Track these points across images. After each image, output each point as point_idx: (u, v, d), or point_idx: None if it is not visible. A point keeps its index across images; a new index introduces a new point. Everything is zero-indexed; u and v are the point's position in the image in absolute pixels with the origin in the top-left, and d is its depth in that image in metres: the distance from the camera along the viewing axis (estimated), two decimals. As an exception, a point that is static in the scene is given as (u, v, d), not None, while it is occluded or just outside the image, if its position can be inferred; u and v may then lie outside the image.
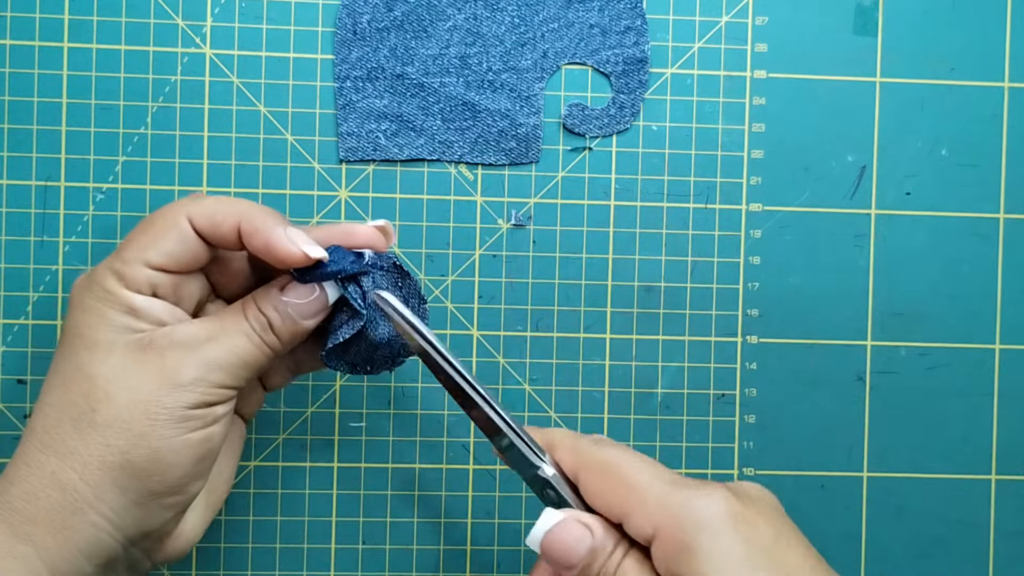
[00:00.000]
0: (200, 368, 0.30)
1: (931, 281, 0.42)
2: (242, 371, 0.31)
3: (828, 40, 0.41)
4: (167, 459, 0.30)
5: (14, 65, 0.39)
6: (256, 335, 0.31)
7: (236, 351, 0.31)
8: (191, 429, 0.30)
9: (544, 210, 0.41)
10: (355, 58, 0.40)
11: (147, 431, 0.30)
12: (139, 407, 0.30)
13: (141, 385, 0.30)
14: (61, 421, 0.30)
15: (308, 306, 0.32)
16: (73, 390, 0.30)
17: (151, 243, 0.31)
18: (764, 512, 0.29)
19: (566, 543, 0.30)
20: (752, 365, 0.41)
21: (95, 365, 0.30)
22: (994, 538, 0.42)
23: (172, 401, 0.30)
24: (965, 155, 0.42)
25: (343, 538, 0.40)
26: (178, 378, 0.30)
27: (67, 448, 0.30)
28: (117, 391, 0.30)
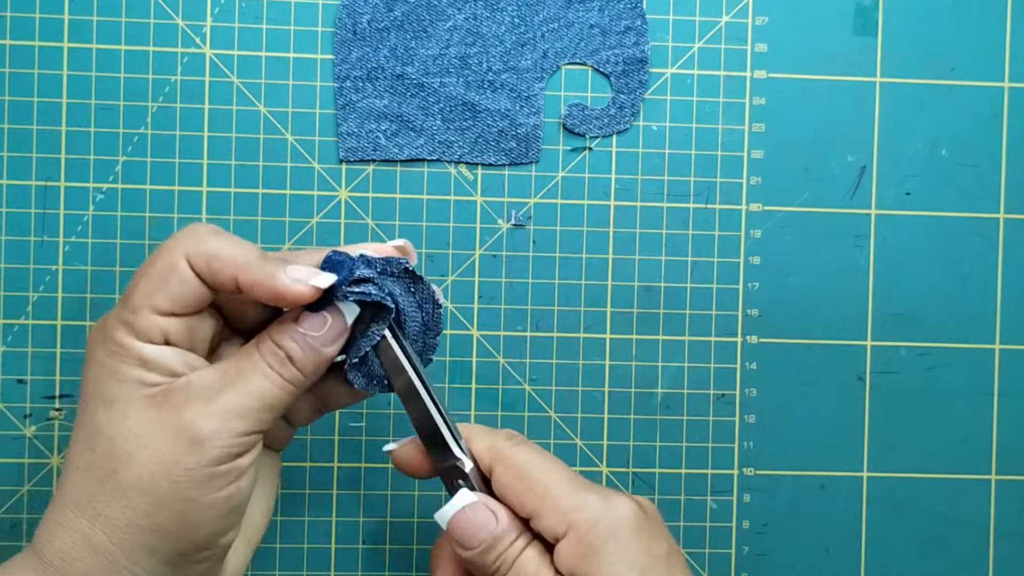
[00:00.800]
0: (218, 420, 0.29)
1: (931, 281, 0.42)
2: (264, 414, 0.30)
3: (828, 40, 0.41)
4: (193, 520, 0.29)
5: (14, 65, 0.39)
6: (275, 373, 0.30)
7: (256, 394, 0.29)
8: (217, 488, 0.29)
9: (544, 210, 0.41)
10: (355, 58, 0.40)
11: (170, 494, 0.28)
12: (160, 469, 0.28)
13: (160, 445, 0.28)
14: (88, 483, 0.29)
15: (328, 333, 0.30)
16: (96, 450, 0.29)
17: (155, 289, 0.29)
18: (659, 528, 0.32)
19: (472, 525, 0.31)
20: (752, 365, 0.41)
21: (113, 425, 0.29)
22: (994, 538, 0.42)
23: (193, 461, 0.28)
24: (965, 155, 0.42)
25: (343, 538, 0.40)
26: (197, 434, 0.28)
27: (95, 510, 0.29)
28: (137, 452, 0.29)
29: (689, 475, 0.41)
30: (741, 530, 0.41)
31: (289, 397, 0.30)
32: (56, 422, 0.39)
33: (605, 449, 0.41)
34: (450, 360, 0.41)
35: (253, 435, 0.30)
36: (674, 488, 0.41)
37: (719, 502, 0.41)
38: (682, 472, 0.41)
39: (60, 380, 0.39)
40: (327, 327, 0.30)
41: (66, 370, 0.39)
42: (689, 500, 0.41)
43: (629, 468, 0.41)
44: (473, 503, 0.32)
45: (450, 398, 0.41)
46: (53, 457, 0.39)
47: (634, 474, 0.41)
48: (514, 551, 0.31)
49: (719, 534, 0.41)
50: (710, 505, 0.41)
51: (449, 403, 0.41)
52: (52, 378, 0.39)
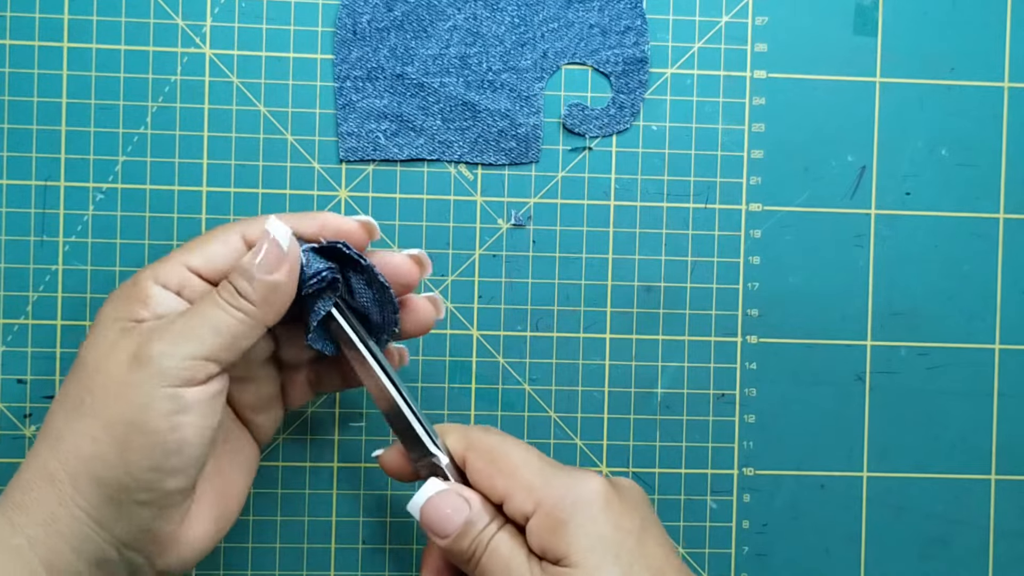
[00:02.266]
0: (167, 342, 0.29)
1: (931, 281, 0.42)
2: (214, 339, 0.30)
3: (828, 40, 0.41)
4: (134, 446, 0.29)
5: (14, 65, 0.39)
6: (224, 303, 0.30)
7: (207, 320, 0.30)
8: (159, 414, 0.29)
9: (544, 210, 0.41)
10: (355, 58, 0.40)
11: (115, 415, 0.29)
12: (111, 388, 0.29)
13: (116, 367, 0.29)
14: (62, 413, 0.30)
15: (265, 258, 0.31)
16: (71, 381, 0.31)
17: (197, 247, 0.32)
18: (633, 504, 0.32)
19: (443, 512, 0.32)
20: (752, 365, 0.41)
21: (87, 355, 0.30)
22: (994, 538, 0.42)
23: (139, 378, 0.29)
24: (965, 155, 0.42)
25: (343, 538, 0.40)
26: (146, 353, 0.29)
27: (56, 435, 0.30)
28: (98, 376, 0.30)
29: (689, 475, 0.41)
30: (741, 530, 0.41)
31: (243, 327, 0.30)
32: (56, 422, 0.39)
33: (605, 449, 0.41)
34: (450, 360, 0.41)
35: (200, 361, 0.30)
36: (674, 488, 0.41)
37: (719, 502, 0.41)
38: (682, 472, 0.41)
39: (60, 380, 0.39)
40: (262, 252, 0.31)
41: (66, 370, 0.39)
42: (689, 500, 0.41)
43: (629, 468, 0.41)
44: (443, 491, 0.32)
45: (450, 398, 0.41)
46: (53, 457, 0.39)
47: (634, 474, 0.41)
48: (487, 535, 0.32)
49: (719, 534, 0.41)
50: (710, 505, 0.41)
51: (449, 403, 0.41)
52: (52, 378, 0.39)
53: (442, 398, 0.40)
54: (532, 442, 0.41)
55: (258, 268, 0.30)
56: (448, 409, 0.41)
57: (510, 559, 0.31)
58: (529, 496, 0.31)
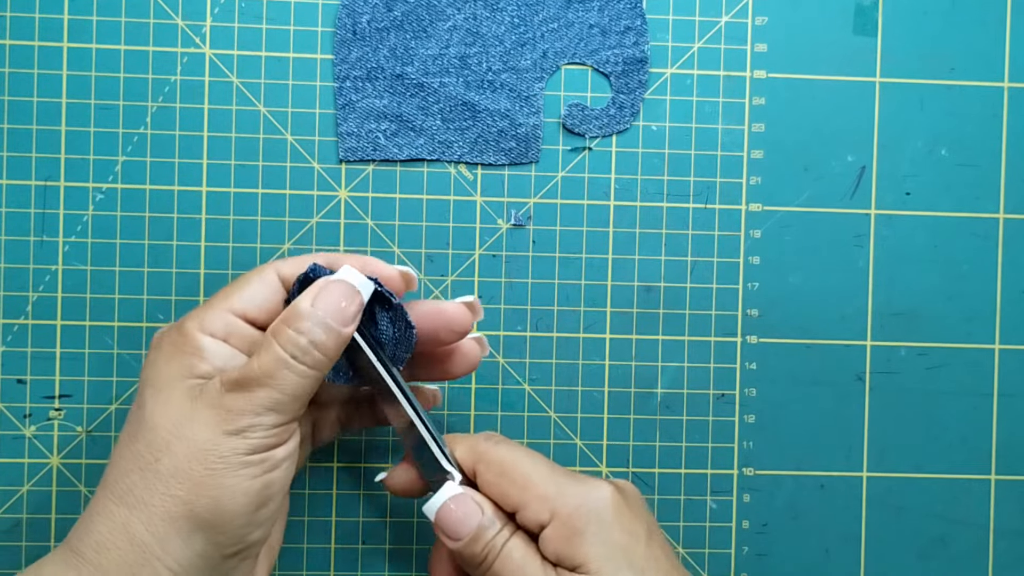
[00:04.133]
0: (252, 414, 0.30)
1: (931, 281, 0.42)
2: (294, 403, 0.30)
3: (828, 40, 0.41)
4: (227, 508, 0.29)
5: (14, 65, 0.39)
6: (298, 363, 0.30)
7: (285, 388, 0.30)
8: (250, 476, 0.30)
9: (544, 210, 0.41)
10: (355, 58, 0.40)
11: (206, 481, 0.29)
12: (197, 457, 0.29)
13: (198, 434, 0.29)
14: (130, 472, 0.30)
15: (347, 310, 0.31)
16: (140, 439, 0.30)
17: (236, 290, 0.32)
18: (638, 509, 0.33)
19: (457, 516, 0.32)
20: (752, 365, 0.41)
21: (157, 414, 0.30)
22: (994, 538, 0.42)
23: (228, 449, 0.29)
24: (965, 155, 0.42)
25: (343, 538, 0.40)
26: (232, 425, 0.29)
27: (135, 498, 0.29)
28: (176, 441, 0.29)
29: (689, 475, 0.41)
30: (741, 530, 0.41)
31: (315, 383, 0.31)
32: (56, 422, 0.39)
33: (605, 449, 0.41)
34: (450, 360, 0.41)
35: (285, 426, 0.30)
36: (674, 488, 0.41)
37: (719, 502, 0.41)
38: (682, 472, 0.41)
39: (60, 380, 0.39)
40: (344, 305, 0.31)
41: (66, 370, 0.39)
42: (689, 500, 0.41)
43: (629, 468, 0.41)
44: (459, 495, 0.33)
45: (450, 398, 0.41)
46: (53, 457, 0.39)
47: (634, 474, 0.41)
48: (500, 540, 0.32)
49: (719, 534, 0.41)
50: (710, 505, 0.41)
51: (449, 403, 0.41)
52: (52, 378, 0.39)
53: (442, 398, 0.40)
54: (532, 442, 0.41)
55: (338, 320, 0.31)
56: (448, 409, 0.41)
57: (523, 564, 0.32)
58: (544, 506, 0.32)
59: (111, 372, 0.39)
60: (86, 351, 0.39)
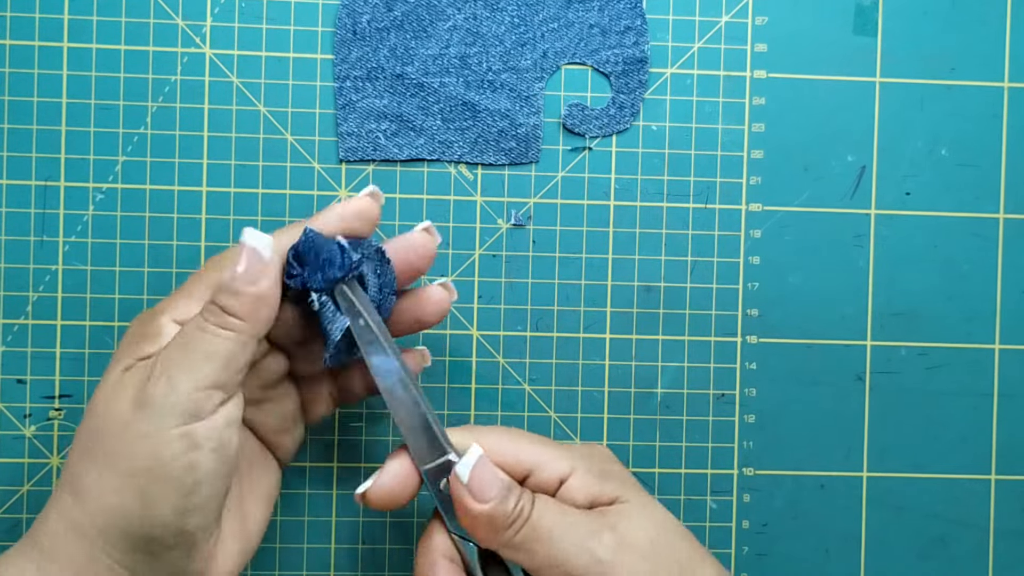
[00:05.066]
0: (165, 380, 0.28)
1: (931, 281, 0.42)
2: (212, 367, 0.29)
3: (828, 40, 0.41)
4: (153, 494, 0.28)
5: (14, 65, 0.39)
6: (213, 325, 0.29)
7: (201, 349, 0.29)
8: (172, 456, 0.28)
9: (544, 210, 0.41)
10: (355, 58, 0.40)
11: (131, 465, 0.28)
12: (122, 437, 0.28)
13: (119, 412, 0.29)
14: (77, 460, 0.29)
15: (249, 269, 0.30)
16: (85, 426, 0.30)
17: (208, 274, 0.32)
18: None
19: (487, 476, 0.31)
20: (752, 365, 0.41)
21: (96, 399, 0.30)
22: (994, 538, 0.42)
23: (146, 424, 0.28)
24: (965, 155, 0.42)
25: (343, 538, 0.40)
26: (147, 396, 0.28)
27: (79, 486, 0.29)
28: (106, 424, 0.29)
29: (689, 475, 0.41)
30: (741, 530, 0.41)
31: (235, 346, 0.29)
32: (56, 422, 0.39)
33: (605, 449, 0.41)
34: (450, 360, 0.41)
35: (203, 392, 0.29)
36: (674, 488, 0.41)
37: (719, 502, 0.41)
38: (682, 472, 0.41)
39: (60, 380, 0.39)
40: (242, 264, 0.30)
41: (66, 370, 0.39)
42: (689, 500, 0.41)
43: (629, 468, 0.41)
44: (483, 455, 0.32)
45: (450, 398, 0.41)
46: (53, 457, 0.39)
47: (634, 474, 0.41)
48: (528, 500, 0.32)
49: (719, 534, 0.41)
50: (710, 505, 0.41)
51: (449, 403, 0.41)
52: (52, 378, 0.39)
53: (442, 398, 0.40)
54: (532, 442, 0.41)
55: (240, 281, 0.29)
56: (448, 409, 0.41)
57: (563, 510, 0.32)
58: (564, 458, 0.33)
59: (111, 372, 0.39)
60: (86, 351, 0.39)
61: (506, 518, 0.31)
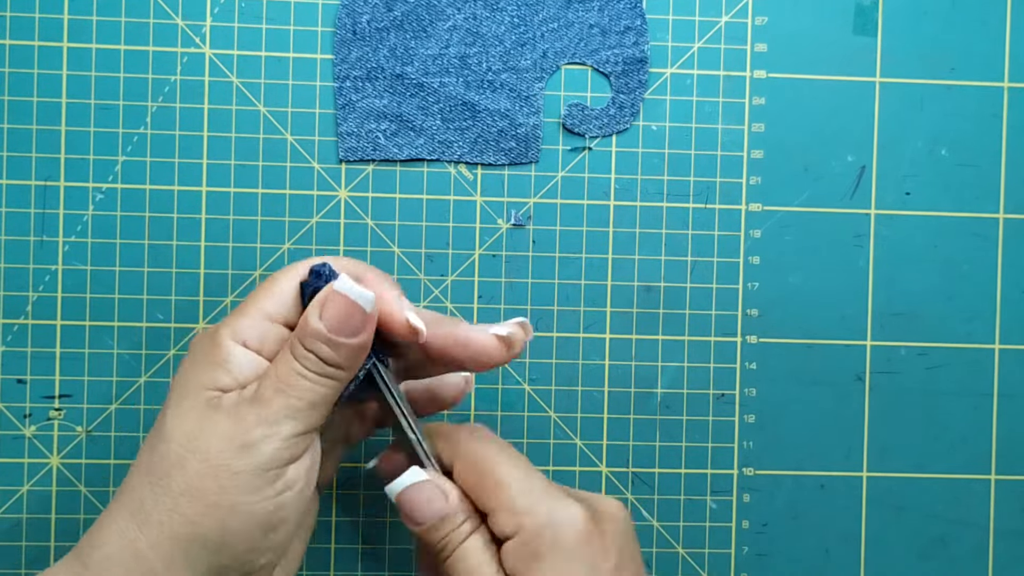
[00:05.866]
0: (266, 424, 0.29)
1: (931, 281, 0.42)
2: (311, 413, 0.30)
3: (828, 40, 0.41)
4: (234, 529, 0.28)
5: (14, 65, 0.39)
6: (313, 372, 0.30)
7: (301, 394, 0.29)
8: (262, 497, 0.29)
9: (544, 210, 0.41)
10: (355, 58, 0.40)
11: (216, 500, 0.28)
12: (209, 473, 0.28)
13: (211, 447, 0.29)
14: (142, 484, 0.29)
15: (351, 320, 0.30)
16: (156, 452, 0.29)
17: (268, 293, 0.31)
18: (612, 537, 0.31)
19: (419, 501, 0.31)
20: (752, 365, 0.41)
21: (174, 427, 0.29)
22: (994, 538, 0.42)
23: (241, 465, 0.28)
24: (965, 155, 0.42)
25: (343, 538, 0.40)
26: (247, 439, 0.29)
27: (145, 514, 0.29)
28: (189, 455, 0.29)
29: (689, 475, 0.41)
30: (741, 530, 0.41)
31: (333, 391, 0.30)
32: (56, 422, 0.39)
33: (605, 449, 0.41)
34: (450, 360, 0.41)
35: (299, 437, 0.29)
36: (674, 488, 0.41)
37: (719, 502, 0.41)
38: (682, 472, 0.41)
39: (60, 380, 0.39)
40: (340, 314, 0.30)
41: (66, 370, 0.39)
42: (689, 500, 0.41)
43: (629, 468, 0.41)
44: (421, 481, 0.31)
45: (450, 398, 0.41)
46: (53, 457, 0.39)
47: (634, 474, 0.41)
48: (460, 535, 0.31)
49: (719, 534, 0.41)
50: (710, 505, 0.41)
51: (449, 403, 0.41)
52: (52, 378, 0.39)
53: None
54: (532, 442, 0.41)
55: (342, 332, 0.30)
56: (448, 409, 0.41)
57: (475, 568, 0.31)
58: (511, 519, 0.31)
59: (111, 372, 0.39)
60: (86, 351, 0.39)
61: (432, 545, 0.31)
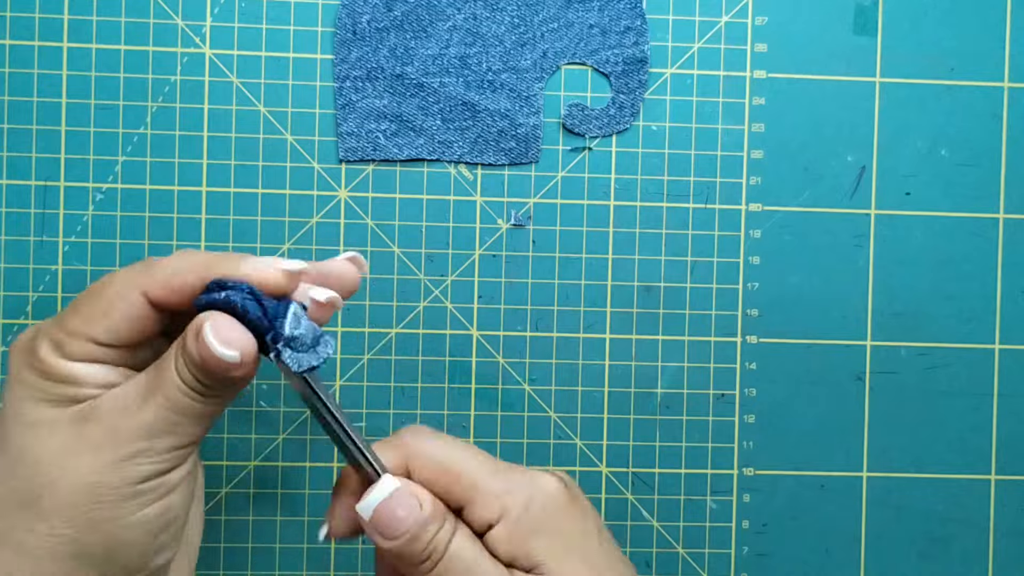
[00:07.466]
0: (142, 436, 0.27)
1: (931, 281, 0.42)
2: (190, 427, 0.27)
3: (828, 40, 0.41)
4: (122, 539, 0.27)
5: (14, 65, 0.39)
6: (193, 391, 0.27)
7: (182, 412, 0.27)
8: (144, 505, 0.27)
9: (544, 210, 0.41)
10: (355, 58, 0.40)
11: (96, 516, 0.26)
12: (85, 490, 0.26)
13: (83, 464, 0.27)
14: (10, 511, 0.27)
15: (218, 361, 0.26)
16: (17, 476, 0.27)
17: (97, 317, 0.27)
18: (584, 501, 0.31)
19: (394, 513, 0.29)
20: (752, 365, 0.41)
21: (38, 447, 0.27)
22: (994, 538, 0.42)
23: (118, 479, 0.27)
24: (965, 155, 0.42)
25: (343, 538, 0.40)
26: (120, 452, 0.27)
27: (17, 541, 0.27)
28: (61, 474, 0.27)
29: (689, 475, 0.41)
30: (741, 530, 0.41)
31: (216, 409, 0.28)
32: (56, 422, 0.39)
33: (605, 449, 0.41)
34: (450, 360, 0.41)
35: (181, 450, 0.28)
36: (674, 488, 0.41)
37: (719, 502, 0.41)
38: (682, 472, 0.41)
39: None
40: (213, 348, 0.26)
41: (66, 370, 0.39)
42: (689, 500, 0.41)
43: (629, 468, 0.41)
44: (399, 489, 0.29)
45: (450, 398, 0.41)
46: (53, 457, 0.39)
47: (634, 474, 0.41)
48: (444, 536, 0.29)
49: (719, 534, 0.41)
50: (710, 505, 0.41)
51: (449, 403, 0.41)
52: (52, 378, 0.39)
53: (442, 398, 0.40)
54: (532, 442, 0.41)
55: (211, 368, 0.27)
56: (448, 409, 0.41)
57: (473, 563, 0.29)
58: (495, 503, 0.30)
59: (111, 372, 0.39)
60: (86, 351, 0.39)
61: (413, 557, 0.29)
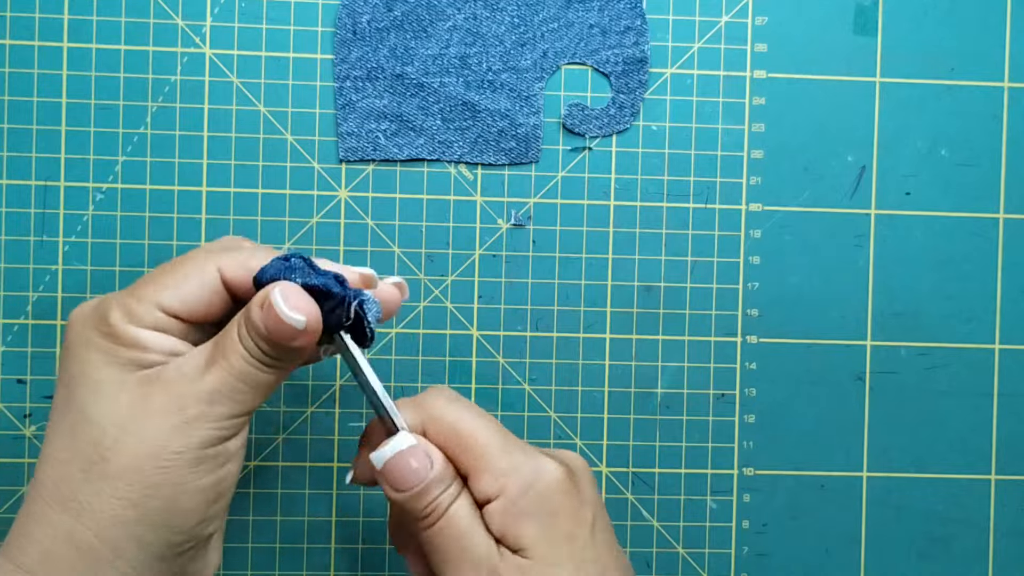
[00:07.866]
0: (203, 401, 0.28)
1: (931, 281, 0.42)
2: (250, 396, 0.29)
3: (828, 40, 0.41)
4: (182, 507, 0.28)
5: (14, 65, 0.39)
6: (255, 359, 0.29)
7: (246, 380, 0.29)
8: (206, 472, 0.28)
9: (544, 210, 0.41)
10: (355, 58, 0.40)
11: (159, 480, 0.28)
12: (149, 453, 0.28)
13: (149, 429, 0.28)
14: (71, 474, 0.28)
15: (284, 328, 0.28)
16: (81, 438, 0.28)
17: (171, 285, 0.29)
18: (588, 491, 0.32)
19: (406, 466, 0.30)
20: (752, 365, 0.41)
21: (103, 409, 0.28)
22: (994, 538, 0.42)
23: (181, 443, 0.28)
24: (965, 155, 0.42)
25: (343, 538, 0.40)
26: (183, 415, 0.28)
27: (79, 504, 0.28)
28: (126, 437, 0.28)
29: (689, 475, 0.41)
30: (741, 530, 0.41)
31: (275, 379, 0.30)
32: (56, 422, 0.39)
33: (605, 449, 0.41)
34: (450, 360, 0.41)
35: (239, 417, 0.29)
36: (674, 488, 0.41)
37: (719, 502, 0.41)
38: (682, 472, 0.41)
39: (60, 380, 0.39)
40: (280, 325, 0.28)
41: (66, 370, 0.39)
42: (689, 500, 0.41)
43: (629, 468, 0.41)
44: (413, 445, 0.31)
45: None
46: (53, 457, 0.39)
47: (634, 474, 0.41)
48: (447, 499, 0.30)
49: (719, 534, 0.41)
50: (710, 505, 0.41)
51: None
52: (52, 378, 0.39)
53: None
54: (532, 442, 0.41)
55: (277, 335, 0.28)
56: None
57: (467, 531, 0.30)
58: (494, 480, 0.30)
59: (111, 372, 0.39)
60: (86, 351, 0.39)
61: (415, 512, 0.31)
